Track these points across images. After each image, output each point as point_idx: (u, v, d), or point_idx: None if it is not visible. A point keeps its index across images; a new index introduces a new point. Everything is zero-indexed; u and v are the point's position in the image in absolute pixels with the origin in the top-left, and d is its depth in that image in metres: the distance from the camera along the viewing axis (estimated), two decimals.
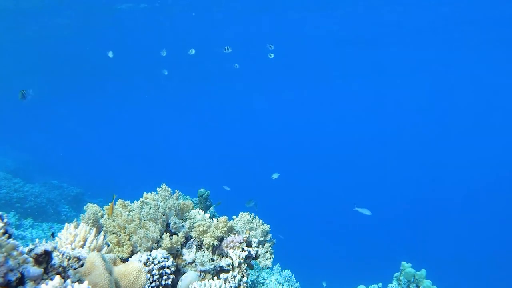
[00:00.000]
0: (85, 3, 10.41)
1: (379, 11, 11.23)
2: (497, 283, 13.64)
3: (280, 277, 5.02)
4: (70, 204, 11.36)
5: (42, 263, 1.38)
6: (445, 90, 23.03)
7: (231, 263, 2.50)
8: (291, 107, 32.14)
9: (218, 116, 36.50)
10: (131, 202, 2.78)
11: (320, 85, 23.49)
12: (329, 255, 14.02)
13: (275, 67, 18.51)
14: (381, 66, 18.11)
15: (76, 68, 17.78)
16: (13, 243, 1.21)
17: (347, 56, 16.47)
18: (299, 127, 38.70)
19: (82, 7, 10.71)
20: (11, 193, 9.65)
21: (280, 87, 24.15)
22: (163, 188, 2.83)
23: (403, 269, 4.67)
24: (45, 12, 11.00)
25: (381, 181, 30.01)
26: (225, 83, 22.29)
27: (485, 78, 19.34)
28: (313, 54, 16.29)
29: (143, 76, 19.67)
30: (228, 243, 2.55)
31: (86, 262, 1.61)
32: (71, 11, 10.98)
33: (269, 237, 2.78)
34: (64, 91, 22.16)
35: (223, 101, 29.52)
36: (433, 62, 17.01)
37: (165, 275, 2.19)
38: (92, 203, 2.67)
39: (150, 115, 33.95)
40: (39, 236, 7.40)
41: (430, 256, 12.75)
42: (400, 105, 29.23)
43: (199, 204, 4.89)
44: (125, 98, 26.17)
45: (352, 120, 35.61)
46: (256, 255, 2.66)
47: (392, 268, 4.92)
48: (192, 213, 2.75)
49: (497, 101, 24.10)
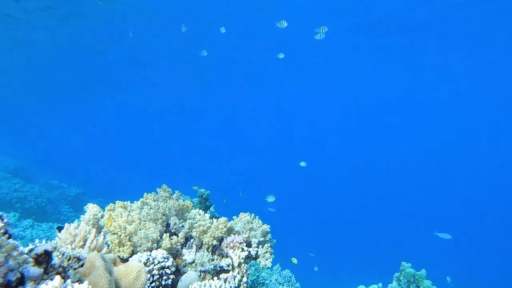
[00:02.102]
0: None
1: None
2: (497, 283, 13.64)
3: (280, 277, 5.02)
4: (70, 204, 11.36)
5: (42, 263, 1.37)
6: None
7: (231, 263, 2.50)
8: (290, 106, 32.13)
9: (218, 116, 36.51)
10: (131, 203, 2.78)
11: (319, 86, 23.46)
12: (329, 255, 14.03)
13: (279, 67, 18.42)
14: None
15: (76, 68, 17.78)
16: (13, 243, 1.21)
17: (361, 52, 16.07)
18: (298, 127, 38.68)
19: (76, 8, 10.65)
20: (11, 193, 9.65)
21: (279, 86, 24.14)
22: (163, 189, 2.83)
23: (403, 269, 4.67)
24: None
25: (381, 181, 30.01)
26: (225, 82, 22.29)
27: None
28: (321, 54, 16.02)
29: (143, 75, 19.67)
30: (228, 243, 2.55)
31: (86, 262, 1.61)
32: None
33: (268, 237, 2.78)
34: (64, 91, 22.16)
35: (223, 101, 29.53)
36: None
37: (165, 275, 2.18)
38: (92, 203, 2.67)
39: (150, 115, 33.96)
40: (39, 236, 7.40)
41: (430, 256, 12.75)
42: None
43: (199, 205, 4.89)
44: (125, 98, 26.17)
45: (350, 120, 35.60)
46: (256, 255, 2.66)
47: (392, 268, 4.92)
48: (192, 213, 2.75)
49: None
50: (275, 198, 5.70)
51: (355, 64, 17.70)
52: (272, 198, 5.76)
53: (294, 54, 15.71)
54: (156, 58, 16.54)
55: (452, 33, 13.15)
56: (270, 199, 5.76)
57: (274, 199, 5.72)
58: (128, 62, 17.01)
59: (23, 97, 22.52)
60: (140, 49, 15.15)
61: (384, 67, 18.28)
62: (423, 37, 13.69)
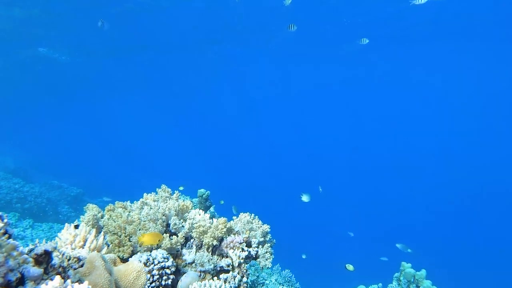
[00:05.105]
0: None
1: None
2: (497, 283, 13.65)
3: (280, 277, 5.02)
4: (70, 204, 11.35)
5: (42, 263, 1.38)
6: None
7: (231, 263, 2.50)
8: (288, 105, 32.08)
9: (218, 116, 36.51)
10: (131, 203, 2.78)
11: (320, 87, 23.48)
12: (330, 255, 14.03)
13: (281, 67, 18.41)
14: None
15: (75, 68, 17.77)
16: (13, 243, 1.22)
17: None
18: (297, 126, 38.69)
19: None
20: (11, 193, 9.65)
21: (279, 86, 24.15)
22: (163, 189, 2.84)
23: (403, 269, 4.67)
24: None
25: (380, 181, 30.02)
26: (224, 83, 22.30)
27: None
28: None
29: (143, 76, 19.67)
30: (228, 243, 2.55)
31: (86, 262, 1.61)
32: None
33: (268, 237, 2.78)
34: (63, 91, 22.17)
35: (223, 101, 29.54)
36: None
37: (165, 275, 2.19)
38: (92, 203, 2.67)
39: (150, 115, 33.95)
40: (39, 236, 7.40)
41: (430, 256, 12.75)
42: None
43: (199, 205, 4.89)
44: (125, 98, 26.19)
45: (350, 121, 35.61)
46: (256, 255, 2.66)
47: (392, 268, 4.92)
48: (192, 213, 2.75)
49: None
50: (310, 198, 5.47)
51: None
52: (307, 197, 5.49)
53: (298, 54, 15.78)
54: (156, 58, 16.53)
55: (452, 33, 13.17)
56: (304, 198, 5.51)
57: (309, 199, 5.48)
58: (127, 62, 17.01)
59: (23, 97, 22.54)
60: (140, 49, 15.15)
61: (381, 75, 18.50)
62: (423, 38, 13.70)
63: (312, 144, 38.82)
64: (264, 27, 12.56)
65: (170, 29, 12.59)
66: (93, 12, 10.53)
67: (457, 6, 10.71)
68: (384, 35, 13.10)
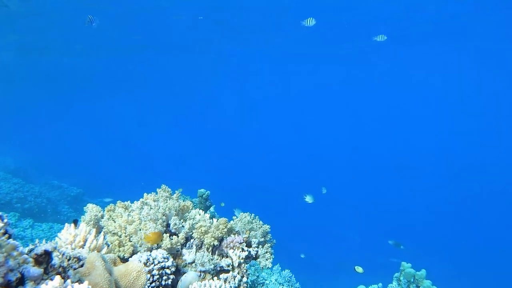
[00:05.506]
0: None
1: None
2: (497, 283, 13.63)
3: (280, 277, 5.02)
4: (70, 204, 11.35)
5: (42, 263, 1.38)
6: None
7: (231, 263, 2.50)
8: (289, 105, 32.10)
9: (218, 116, 36.48)
10: (131, 203, 2.78)
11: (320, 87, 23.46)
12: (330, 255, 14.03)
13: (281, 67, 18.40)
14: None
15: (74, 68, 17.78)
16: (13, 243, 1.21)
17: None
18: (295, 126, 38.67)
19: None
20: (11, 193, 9.64)
21: (279, 86, 24.12)
22: (163, 189, 2.83)
23: (403, 269, 4.67)
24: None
25: (380, 181, 29.99)
26: (224, 83, 22.28)
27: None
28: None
29: (143, 75, 19.67)
30: (228, 243, 2.55)
31: (86, 262, 1.61)
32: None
33: (269, 237, 2.78)
34: (63, 91, 22.16)
35: (223, 101, 29.52)
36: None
37: (165, 275, 2.18)
38: (92, 203, 2.67)
39: (150, 115, 33.94)
40: (39, 236, 7.40)
41: (430, 256, 12.75)
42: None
43: (199, 205, 4.89)
44: (125, 98, 26.18)
45: (351, 121, 35.58)
46: (256, 255, 2.66)
47: (392, 268, 4.92)
48: (192, 213, 2.75)
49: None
50: (314, 199, 5.38)
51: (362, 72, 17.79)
52: (310, 198, 5.39)
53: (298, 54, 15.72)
54: (156, 58, 16.54)
55: (452, 33, 13.17)
56: (308, 199, 5.42)
57: (313, 200, 5.40)
58: (127, 63, 17.01)
59: (23, 97, 22.54)
60: (140, 49, 15.15)
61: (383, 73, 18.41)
62: (423, 38, 13.71)
63: (312, 144, 38.76)
64: (264, 27, 12.57)
65: (170, 29, 12.58)
66: (93, 12, 10.52)
67: (457, 6, 10.70)
68: (384, 35, 13.09)
